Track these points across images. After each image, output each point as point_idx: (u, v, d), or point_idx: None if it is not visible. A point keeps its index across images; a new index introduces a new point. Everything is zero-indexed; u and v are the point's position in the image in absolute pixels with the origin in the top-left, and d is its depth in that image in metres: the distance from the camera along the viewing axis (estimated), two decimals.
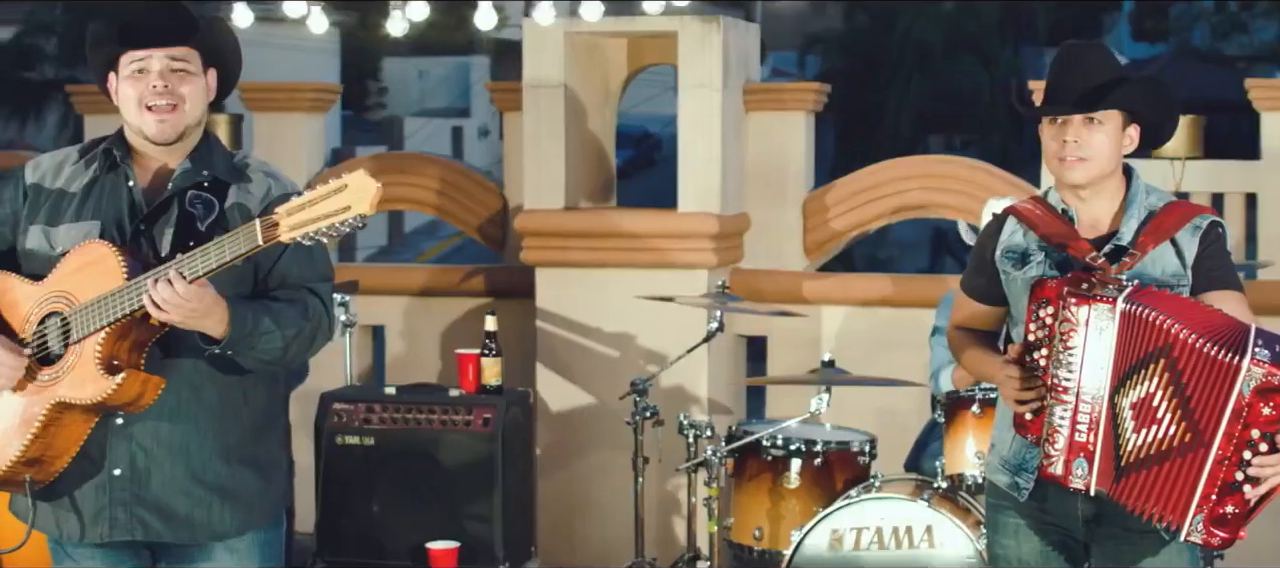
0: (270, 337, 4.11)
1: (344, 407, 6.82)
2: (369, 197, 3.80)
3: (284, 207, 3.89)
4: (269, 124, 9.05)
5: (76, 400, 4.06)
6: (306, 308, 4.21)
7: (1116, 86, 4.35)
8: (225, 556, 4.31)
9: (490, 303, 8.44)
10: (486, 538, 6.67)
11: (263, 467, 4.36)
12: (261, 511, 4.36)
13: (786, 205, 8.34)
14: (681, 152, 7.98)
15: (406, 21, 8.25)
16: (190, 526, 4.25)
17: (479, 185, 8.81)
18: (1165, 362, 4.09)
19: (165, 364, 4.15)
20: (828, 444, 6.63)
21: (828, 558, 6.25)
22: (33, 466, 4.14)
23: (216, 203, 4.23)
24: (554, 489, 8.08)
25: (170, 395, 4.15)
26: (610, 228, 7.98)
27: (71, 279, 4.10)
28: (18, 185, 4.30)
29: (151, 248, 4.17)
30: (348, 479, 6.77)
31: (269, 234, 3.87)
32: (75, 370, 4.06)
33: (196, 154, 4.28)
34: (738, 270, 8.24)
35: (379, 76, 34.44)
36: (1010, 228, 4.55)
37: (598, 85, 8.38)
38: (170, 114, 4.20)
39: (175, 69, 4.20)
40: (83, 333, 4.05)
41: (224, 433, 4.26)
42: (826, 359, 6.77)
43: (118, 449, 4.19)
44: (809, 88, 8.50)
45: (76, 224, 4.21)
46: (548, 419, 8.07)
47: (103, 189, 4.25)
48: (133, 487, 4.20)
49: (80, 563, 4.33)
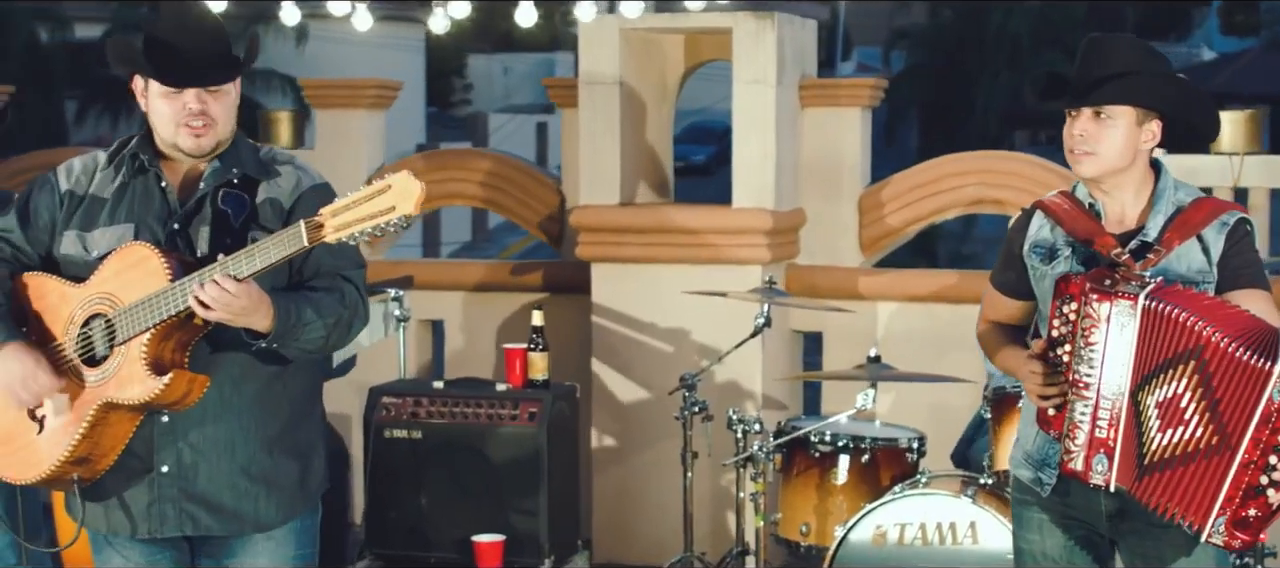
0: (313, 327, 4.18)
1: (392, 401, 6.88)
2: (413, 197, 3.87)
3: (329, 208, 3.95)
4: (331, 121, 9.12)
5: (124, 401, 4.13)
6: (343, 295, 4.28)
7: (1113, 80, 4.32)
8: (264, 545, 4.40)
9: (546, 298, 8.50)
10: (532, 531, 6.71)
11: (302, 454, 4.45)
12: (302, 498, 4.46)
13: (842, 201, 8.33)
14: (736, 148, 7.99)
15: (448, 19, 8.30)
16: (237, 518, 4.34)
17: (537, 181, 8.85)
18: (1195, 364, 4.08)
19: (208, 360, 4.22)
20: (876, 441, 6.63)
21: (871, 554, 6.26)
22: (80, 465, 4.23)
23: (248, 199, 4.31)
24: (608, 484, 8.12)
25: (213, 391, 4.22)
26: (664, 224, 8.00)
27: (115, 281, 4.17)
28: (53, 192, 4.37)
29: (189, 248, 4.24)
30: (396, 473, 6.83)
31: (314, 235, 3.95)
32: (121, 371, 4.13)
33: (225, 153, 4.35)
34: (793, 266, 8.24)
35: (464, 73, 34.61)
36: (1038, 223, 4.55)
37: (654, 81, 8.41)
38: (205, 131, 4.27)
39: (210, 91, 4.26)
40: (128, 334, 4.12)
41: (266, 425, 4.35)
42: (873, 355, 6.77)
43: (164, 447, 4.27)
44: (864, 84, 8.47)
45: (111, 228, 4.29)
46: (602, 414, 8.11)
47: (134, 192, 4.32)
48: (180, 483, 4.28)
49: (123, 557, 4.41)
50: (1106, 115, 4.34)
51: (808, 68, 8.36)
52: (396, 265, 8.73)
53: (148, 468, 4.28)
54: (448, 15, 8.15)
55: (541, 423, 6.72)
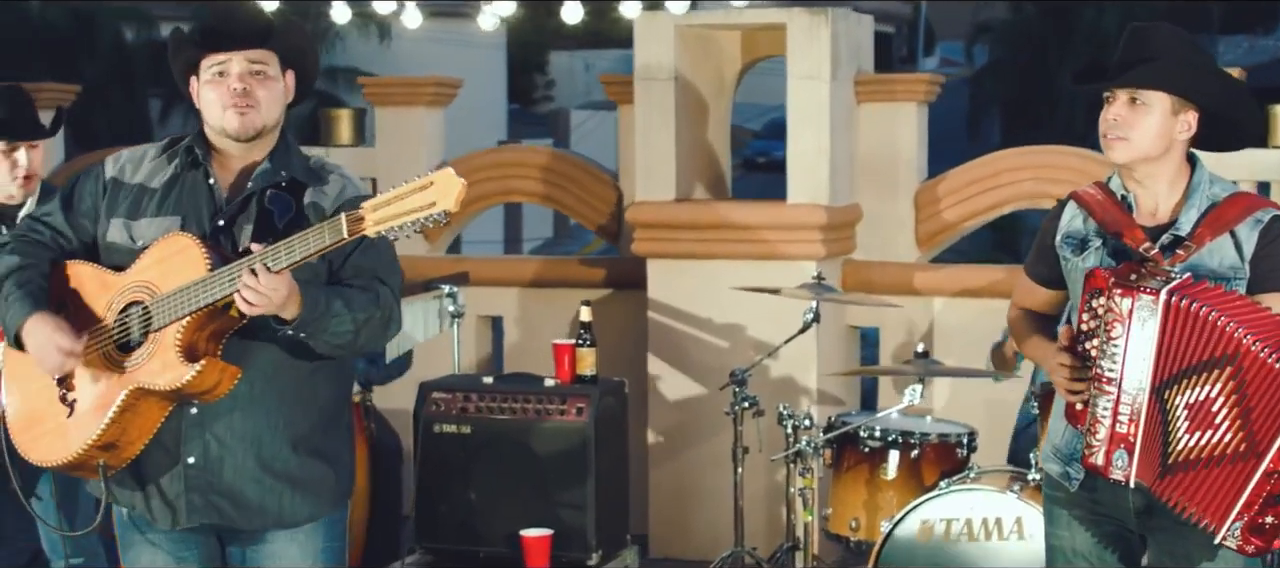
0: (341, 319, 4.22)
1: (442, 396, 6.93)
2: (453, 193, 3.91)
3: (370, 202, 4.01)
4: (391, 118, 9.20)
5: (154, 387, 4.18)
6: (377, 296, 4.31)
7: (1147, 64, 4.31)
8: (290, 542, 4.44)
9: (602, 293, 8.55)
10: (580, 526, 6.74)
11: (330, 458, 4.48)
12: (328, 500, 4.48)
13: (898, 196, 8.32)
14: (790, 143, 8.00)
15: (496, 18, 8.34)
16: (261, 513, 4.38)
17: (594, 177, 8.89)
18: (1231, 370, 4.07)
19: (240, 355, 4.26)
20: (925, 436, 6.63)
21: (917, 548, 6.26)
22: (107, 450, 4.27)
23: (293, 202, 4.36)
24: (664, 478, 8.16)
25: (243, 385, 4.26)
26: (719, 219, 8.02)
27: (154, 270, 4.23)
28: (98, 180, 4.44)
29: (232, 244, 4.29)
30: (445, 467, 6.88)
31: (355, 228, 3.99)
32: (154, 358, 4.18)
33: (275, 155, 4.42)
34: (849, 261, 8.24)
35: (545, 70, 34.72)
36: (1070, 213, 4.54)
37: (711, 77, 8.43)
38: (249, 112, 4.33)
39: (254, 71, 4.34)
40: (163, 321, 4.17)
41: (294, 424, 4.38)
42: (920, 350, 6.77)
43: (192, 438, 4.31)
44: (920, 79, 8.46)
45: (157, 218, 4.35)
46: (658, 409, 8.14)
47: (183, 185, 4.38)
48: (206, 475, 4.32)
49: (152, 545, 4.46)
50: (1141, 102, 4.33)
51: (864, 63, 8.36)
52: (452, 262, 8.79)
53: (175, 459, 4.33)
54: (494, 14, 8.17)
55: (589, 418, 6.74)
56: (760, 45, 8.47)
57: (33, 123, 5.93)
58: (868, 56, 8.42)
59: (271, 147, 4.43)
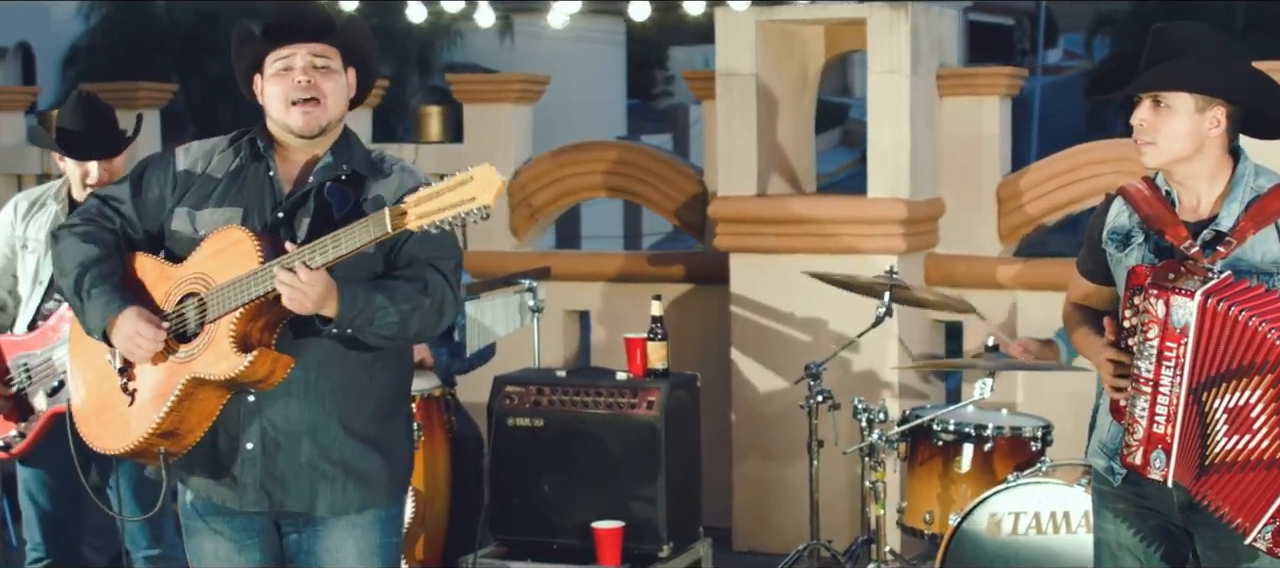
0: (385, 311, 4.28)
1: (515, 389, 7.01)
2: (492, 189, 3.99)
3: (412, 196, 4.08)
4: (478, 115, 9.30)
5: (210, 376, 4.28)
6: (426, 284, 4.36)
7: (1163, 65, 4.28)
8: (346, 530, 4.50)
9: (689, 287, 8.62)
10: (651, 519, 6.79)
11: (386, 449, 4.53)
12: (384, 491, 4.54)
13: (981, 190, 8.30)
14: (871, 138, 8.02)
15: (566, 16, 8.41)
16: (312, 499, 4.45)
17: (678, 172, 8.95)
18: (1271, 377, 4.06)
19: (296, 344, 4.34)
20: (999, 430, 6.62)
21: (985, 542, 6.26)
22: (167, 438, 4.37)
23: (353, 195, 4.43)
24: (748, 472, 8.20)
25: (300, 374, 4.35)
26: (800, 214, 8.05)
27: (209, 262, 4.32)
28: (167, 169, 4.53)
29: (290, 236, 4.36)
30: (518, 460, 6.96)
31: (398, 222, 4.07)
32: (210, 348, 4.28)
33: (336, 148, 4.49)
34: (932, 255, 8.24)
35: (666, 65, 34.73)
36: (1117, 208, 4.53)
37: (794, 73, 8.45)
38: (314, 108, 4.41)
39: (318, 66, 4.42)
40: (218, 313, 4.26)
41: (350, 413, 4.44)
42: (991, 344, 6.75)
43: (250, 426, 4.40)
44: (1002, 72, 8.43)
45: (220, 209, 4.44)
46: (741, 403, 8.19)
47: (246, 177, 4.47)
48: (263, 462, 4.41)
49: (215, 532, 4.56)
50: (1165, 104, 4.30)
51: (947, 57, 8.34)
52: (539, 257, 8.87)
53: (234, 445, 4.42)
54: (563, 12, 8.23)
55: (659, 411, 6.79)
56: (843, 40, 8.48)
57: (106, 139, 6.04)
58: (951, 50, 8.40)
59: (334, 141, 4.50)
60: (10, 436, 5.99)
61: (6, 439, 6.00)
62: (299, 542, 4.54)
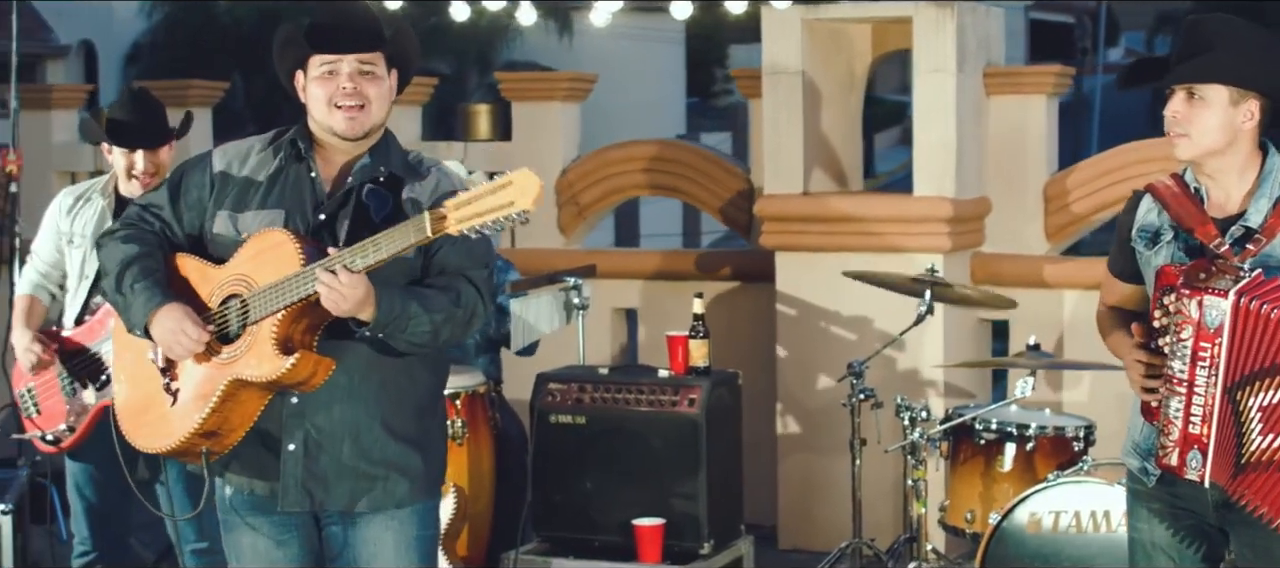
0: (418, 320, 4.31)
1: (558, 386, 7.04)
2: (532, 193, 4.02)
3: (452, 201, 4.11)
4: (527, 113, 9.34)
5: (253, 378, 4.32)
6: (459, 295, 4.40)
7: (1197, 58, 4.26)
8: (384, 524, 4.54)
9: (734, 285, 8.63)
10: (693, 516, 6.81)
11: (424, 446, 4.58)
12: (422, 486, 4.59)
13: (1027, 189, 8.29)
14: (916, 136, 8.02)
15: (608, 15, 8.43)
16: (353, 498, 4.50)
17: (725, 170, 8.97)
18: None
19: (337, 347, 4.38)
20: (1041, 429, 6.62)
21: (1026, 540, 6.26)
22: (209, 437, 4.43)
23: (391, 197, 4.46)
24: (793, 470, 8.22)
25: (341, 376, 4.39)
26: (845, 212, 8.06)
27: (251, 263, 4.36)
28: (206, 172, 4.57)
29: (331, 238, 4.40)
30: (561, 457, 6.98)
31: (437, 226, 4.10)
32: (252, 350, 4.31)
33: (376, 150, 4.53)
34: (978, 254, 8.23)
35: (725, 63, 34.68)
36: (1146, 206, 4.52)
37: (841, 71, 8.46)
38: (359, 113, 4.45)
39: (363, 71, 4.45)
40: (260, 315, 4.30)
41: (390, 413, 4.49)
42: (1032, 343, 6.75)
43: (292, 427, 4.44)
44: (1049, 71, 8.41)
45: (261, 211, 4.47)
46: (787, 401, 8.21)
47: (287, 179, 4.50)
48: (305, 462, 4.45)
49: (253, 528, 4.61)
50: (1199, 96, 4.29)
51: (994, 55, 8.33)
52: (582, 255, 8.91)
53: (276, 446, 4.46)
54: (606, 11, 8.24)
55: (701, 409, 6.81)
56: (891, 38, 8.49)
57: (154, 131, 6.10)
58: (998, 49, 8.39)
59: (374, 142, 4.54)
60: (59, 429, 6.06)
61: (55, 433, 6.07)
62: (338, 536, 4.58)
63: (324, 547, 4.63)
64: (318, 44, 4.46)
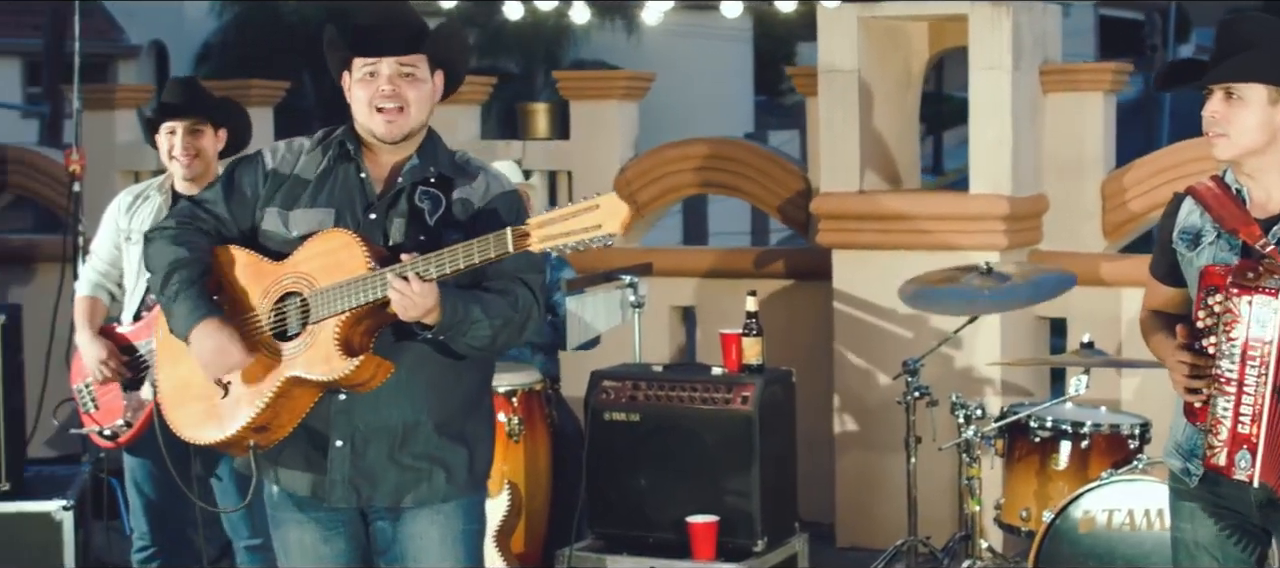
0: (479, 325, 4.35)
1: (612, 384, 7.06)
2: (619, 218, 4.06)
3: (535, 219, 4.15)
4: (585, 112, 9.37)
5: (312, 378, 4.36)
6: (516, 300, 4.43)
7: (1235, 57, 4.24)
8: (430, 518, 4.58)
9: (790, 283, 8.64)
10: (746, 513, 6.82)
11: (469, 442, 4.61)
12: (468, 482, 4.62)
13: (1085, 187, 8.26)
14: (972, 134, 8.01)
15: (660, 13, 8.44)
16: (399, 493, 4.54)
17: (782, 168, 8.98)
18: None
19: (389, 346, 4.41)
20: (1096, 427, 6.60)
21: (1079, 539, 6.25)
22: (259, 432, 4.47)
23: (443, 198, 4.50)
24: (850, 467, 8.22)
25: (391, 374, 4.43)
26: (901, 211, 8.06)
27: (313, 263, 4.39)
28: (257, 169, 4.61)
29: (382, 238, 4.44)
30: (615, 454, 7.01)
31: (520, 244, 4.14)
32: (312, 350, 4.35)
33: (424, 151, 4.56)
34: (1035, 251, 8.21)
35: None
36: (1187, 208, 4.50)
37: (897, 68, 8.45)
38: (397, 116, 4.48)
39: (404, 73, 4.48)
40: (321, 315, 4.34)
41: (437, 410, 4.53)
42: (1086, 341, 6.74)
43: (340, 423, 4.48)
44: (1106, 68, 8.39)
45: (312, 210, 4.51)
46: (844, 399, 8.21)
47: (336, 178, 4.54)
48: (352, 458, 4.50)
49: (300, 523, 4.66)
50: (1237, 96, 4.27)
51: (1051, 53, 8.31)
52: (637, 253, 8.93)
53: (323, 442, 4.50)
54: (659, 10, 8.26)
55: (754, 406, 6.82)
56: (948, 36, 8.47)
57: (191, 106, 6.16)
58: (1055, 46, 8.37)
59: (419, 141, 4.57)
60: (116, 424, 6.13)
61: (113, 428, 6.14)
62: (385, 531, 4.62)
63: (371, 541, 4.67)
64: (357, 46, 4.49)
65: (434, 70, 4.55)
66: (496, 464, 6.66)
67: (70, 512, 6.60)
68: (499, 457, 6.73)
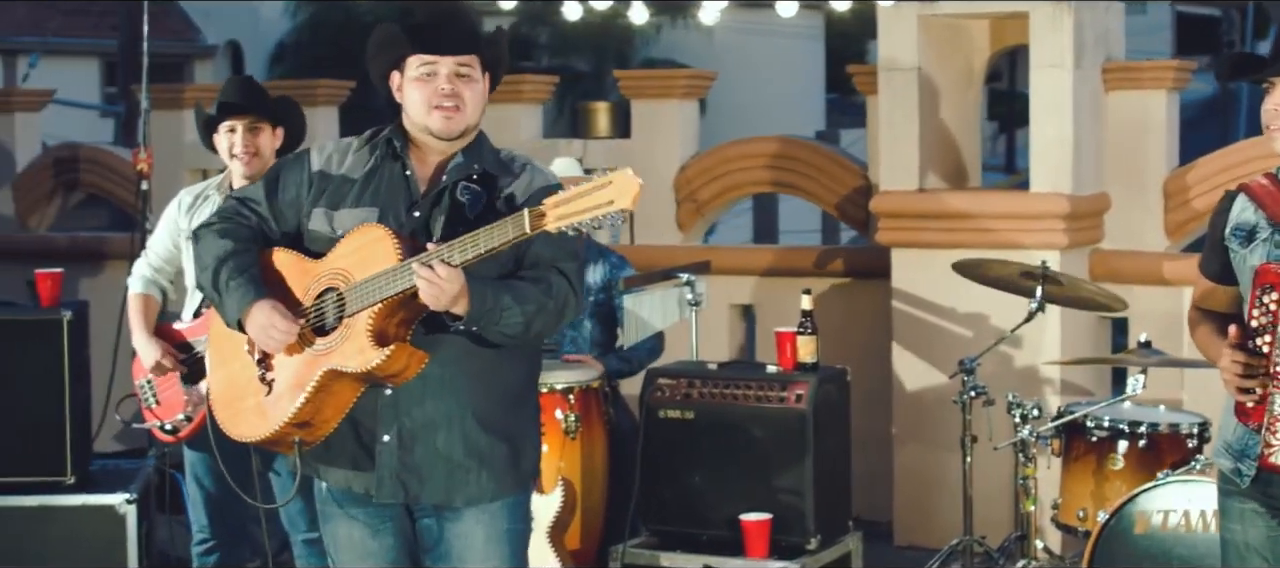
0: (510, 312, 4.38)
1: (667, 381, 7.08)
2: (631, 193, 4.08)
3: (551, 198, 4.18)
4: (646, 111, 9.39)
5: (347, 369, 4.40)
6: (551, 286, 4.47)
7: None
8: (475, 517, 4.61)
9: (847, 281, 8.65)
10: (799, 511, 6.82)
11: (514, 439, 4.64)
12: (514, 480, 4.65)
13: (1147, 186, 8.22)
14: (1033, 132, 8.00)
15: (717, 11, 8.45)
16: (447, 491, 4.57)
17: (842, 166, 8.98)
18: None
19: (430, 340, 4.45)
20: (1154, 427, 6.57)
21: (1134, 539, 6.21)
22: (302, 427, 4.52)
23: (485, 194, 4.53)
24: (908, 466, 8.22)
25: (434, 368, 4.46)
26: (961, 209, 8.04)
27: (349, 258, 4.44)
28: (304, 169, 4.66)
29: (426, 235, 4.48)
30: (669, 451, 7.02)
31: (536, 223, 4.16)
32: (348, 342, 4.40)
33: (469, 148, 4.60)
34: (1097, 251, 8.18)
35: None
36: (1240, 205, 4.47)
37: (959, 67, 8.44)
38: (455, 114, 4.53)
39: (461, 73, 4.53)
40: (356, 308, 4.39)
41: (483, 405, 4.56)
42: (1144, 340, 6.71)
43: (386, 419, 4.53)
44: (1168, 66, 8.34)
45: (356, 209, 4.55)
46: (902, 397, 8.21)
47: (382, 177, 4.58)
48: (400, 454, 4.53)
49: (349, 518, 4.70)
50: None
51: (1113, 50, 8.27)
52: (703, 251, 8.95)
53: (371, 438, 4.54)
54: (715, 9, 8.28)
55: (808, 404, 6.83)
56: (1009, 34, 8.44)
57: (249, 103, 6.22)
58: (1118, 43, 8.33)
59: (468, 142, 4.61)
60: (177, 419, 6.21)
61: (174, 423, 6.22)
62: (431, 529, 4.65)
63: (417, 538, 4.70)
64: (419, 44, 4.53)
65: (484, 72, 4.61)
66: (552, 461, 6.78)
67: (133, 505, 6.67)
68: (555, 453, 6.81)
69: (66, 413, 6.64)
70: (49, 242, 10.71)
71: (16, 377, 6.59)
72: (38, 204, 11.07)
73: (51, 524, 6.62)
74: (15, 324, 6.68)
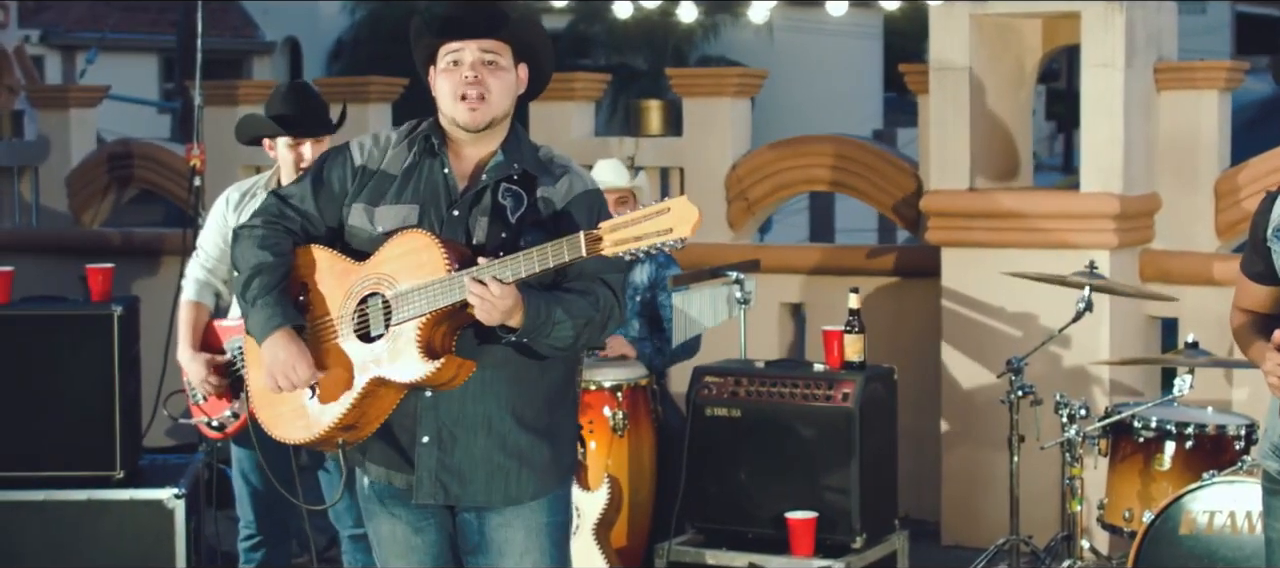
0: (562, 326, 4.38)
1: (714, 379, 7.10)
2: (690, 222, 4.08)
3: (608, 223, 4.17)
4: (698, 109, 9.40)
5: (395, 379, 4.41)
6: (597, 299, 4.45)
7: None
8: (517, 512, 4.61)
9: (896, 280, 8.64)
10: (845, 509, 6.83)
11: (555, 437, 4.64)
12: (553, 477, 4.65)
13: (1198, 186, 8.18)
14: (1083, 132, 7.98)
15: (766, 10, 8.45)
16: (487, 491, 4.57)
17: (893, 166, 8.97)
18: None
19: (473, 345, 4.45)
20: (1201, 428, 6.55)
21: (1179, 540, 6.19)
22: (347, 431, 4.53)
23: (526, 196, 4.52)
24: (956, 466, 8.20)
25: (475, 371, 4.47)
26: (1011, 209, 8.02)
27: (394, 263, 4.42)
28: (346, 164, 4.63)
29: (465, 235, 4.48)
30: (715, 448, 7.04)
31: (593, 248, 4.16)
32: (395, 351, 4.39)
33: (507, 147, 4.57)
34: (1147, 251, 8.15)
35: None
36: None
37: (1010, 66, 8.41)
38: (479, 104, 4.49)
39: (486, 61, 4.49)
40: (403, 317, 4.38)
41: (522, 407, 4.56)
42: (1191, 341, 6.68)
43: (426, 421, 4.53)
44: (1221, 66, 8.30)
45: (396, 206, 4.53)
46: (951, 396, 8.19)
47: (421, 173, 4.56)
48: (439, 455, 4.54)
49: (392, 516, 4.71)
50: None
51: (1165, 50, 8.23)
52: (746, 250, 8.95)
53: (411, 438, 4.55)
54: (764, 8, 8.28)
55: (855, 403, 6.83)
56: (1061, 33, 8.42)
57: (316, 119, 6.25)
58: (1170, 43, 8.29)
59: (503, 137, 4.58)
60: (224, 415, 6.24)
61: (221, 420, 6.25)
62: (471, 524, 4.65)
63: (458, 535, 4.71)
64: (442, 31, 4.51)
65: (519, 62, 4.58)
66: (600, 458, 6.80)
67: (181, 500, 6.70)
68: (603, 451, 6.84)
69: (117, 408, 6.66)
70: (102, 238, 10.77)
71: (67, 371, 6.62)
72: (92, 200, 11.17)
73: (101, 519, 6.65)
74: (66, 319, 6.71)
